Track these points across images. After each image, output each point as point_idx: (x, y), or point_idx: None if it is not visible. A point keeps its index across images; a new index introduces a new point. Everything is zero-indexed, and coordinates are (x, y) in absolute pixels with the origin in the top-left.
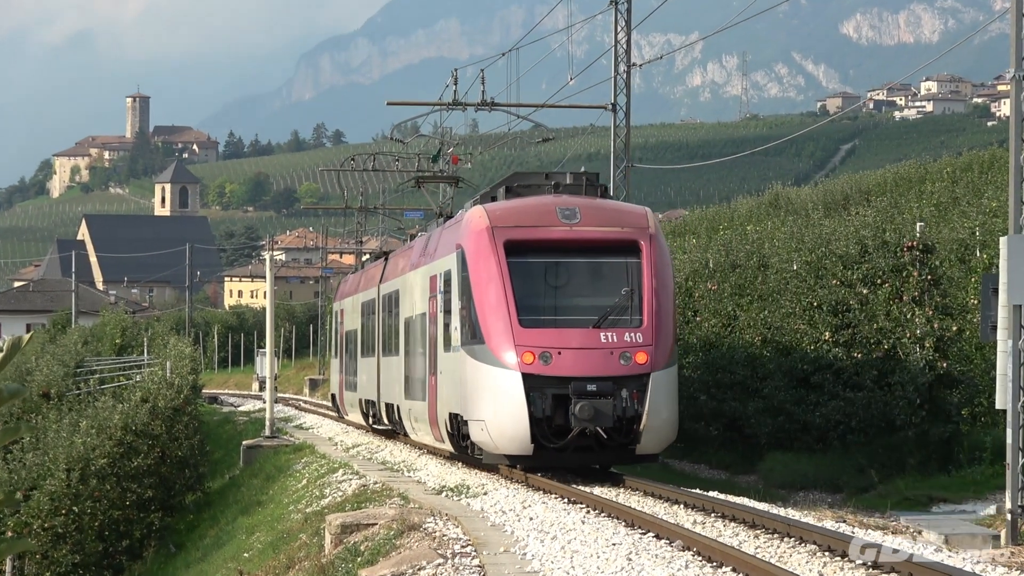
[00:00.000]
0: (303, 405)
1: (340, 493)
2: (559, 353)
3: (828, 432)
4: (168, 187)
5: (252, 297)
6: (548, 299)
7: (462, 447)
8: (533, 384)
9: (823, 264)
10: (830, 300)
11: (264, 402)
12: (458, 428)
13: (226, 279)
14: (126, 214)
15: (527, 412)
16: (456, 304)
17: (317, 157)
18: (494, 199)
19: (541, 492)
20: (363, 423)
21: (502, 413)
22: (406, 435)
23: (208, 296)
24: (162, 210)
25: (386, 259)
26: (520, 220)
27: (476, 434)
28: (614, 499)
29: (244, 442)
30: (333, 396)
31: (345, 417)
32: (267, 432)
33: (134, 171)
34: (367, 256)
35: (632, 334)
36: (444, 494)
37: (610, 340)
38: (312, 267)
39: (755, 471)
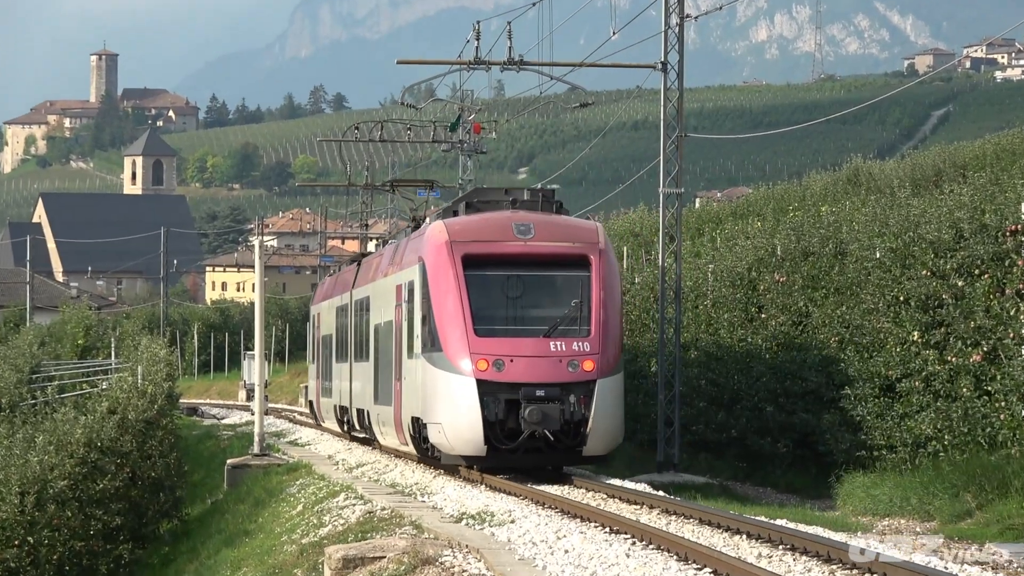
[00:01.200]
0: (298, 417)
1: (342, 521)
2: (511, 361)
3: (917, 449)
4: (139, 160)
5: (239, 290)
6: (502, 310)
7: (423, 449)
8: (487, 389)
9: (911, 252)
10: (919, 294)
11: (252, 414)
12: (419, 431)
13: (208, 269)
14: (90, 192)
15: (481, 416)
16: (418, 313)
17: (315, 125)
18: (456, 213)
19: (579, 520)
20: (338, 430)
21: (458, 416)
22: (377, 441)
23: (187, 289)
24: (132, 188)
25: (359, 263)
26: (478, 235)
27: (434, 436)
28: (664, 528)
29: (229, 461)
30: (311, 403)
31: (322, 424)
32: (256, 449)
33: (99, 142)
34: (375, 242)
35: (580, 343)
36: (464, 522)
37: (559, 349)
38: (309, 255)
39: (830, 495)
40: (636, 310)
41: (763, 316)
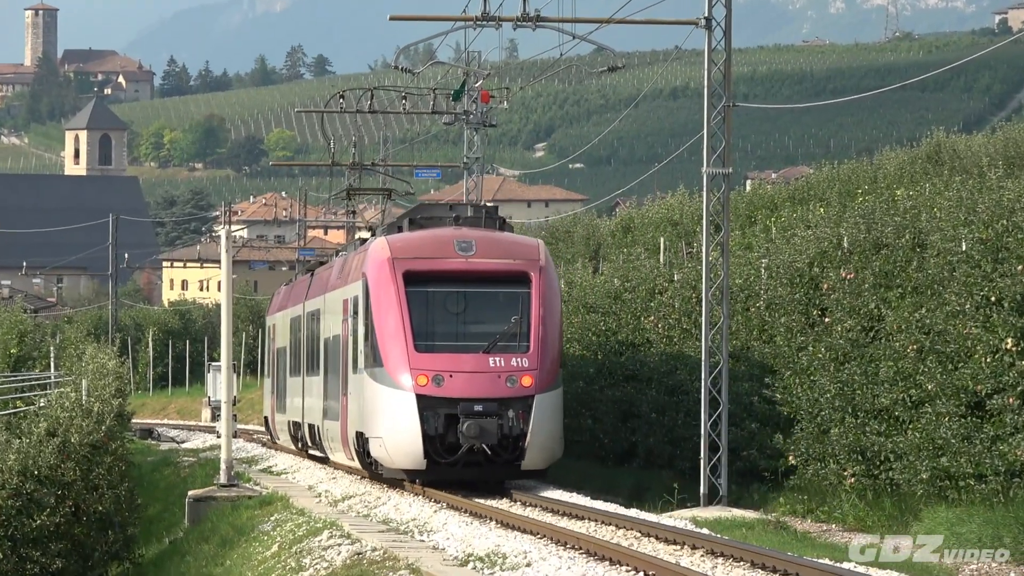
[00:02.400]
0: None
1: (325, 564)
2: (451, 376)
3: (1011, 479)
4: (84, 135)
5: (202, 290)
6: (443, 326)
7: (367, 463)
8: (426, 404)
9: (1004, 243)
10: (1014, 293)
11: (218, 437)
12: (363, 445)
13: (165, 265)
14: (24, 173)
15: (420, 430)
16: (361, 329)
17: (292, 93)
18: (400, 229)
19: (607, 562)
20: (293, 447)
21: (398, 431)
22: (327, 457)
23: (140, 288)
24: (75, 167)
25: (312, 274)
26: (419, 252)
27: (375, 450)
28: (710, 573)
29: (191, 492)
30: (266, 419)
31: (276, 441)
32: (222, 479)
33: (36, 113)
34: (364, 233)
35: (519, 359)
36: (471, 565)
37: (498, 364)
38: (286, 247)
39: (907, 532)
40: (675, 313)
41: (827, 320)
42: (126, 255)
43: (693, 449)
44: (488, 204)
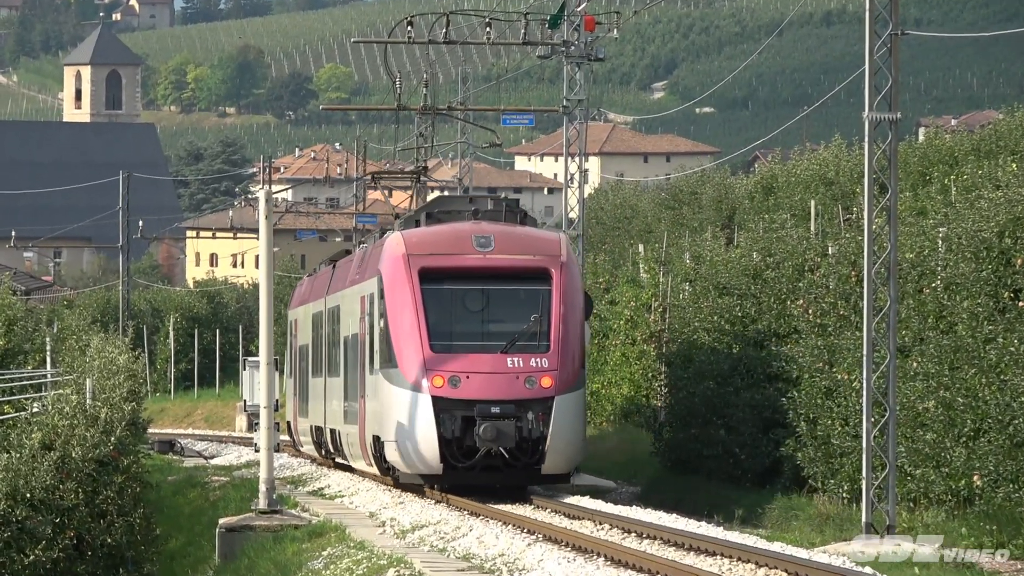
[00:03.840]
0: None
1: None
2: (467, 377)
3: None
4: (87, 72)
5: (235, 267)
6: (459, 325)
7: (384, 469)
8: (442, 407)
9: None
10: None
11: (256, 450)
12: (379, 450)
13: (189, 234)
14: (13, 120)
15: (436, 433)
16: (377, 328)
17: (347, 20)
18: (417, 223)
19: None
20: (317, 455)
21: (413, 434)
22: (350, 465)
23: (158, 264)
24: (76, 112)
25: (335, 266)
26: (435, 248)
27: (391, 454)
28: None
29: (222, 521)
30: (288, 424)
31: (300, 449)
32: (262, 503)
33: (26, 44)
34: (437, 193)
35: (538, 359)
36: None
37: (516, 365)
38: (340, 212)
39: None
40: (829, 295)
41: (1020, 305)
42: (140, 222)
43: (853, 466)
44: (509, 197)
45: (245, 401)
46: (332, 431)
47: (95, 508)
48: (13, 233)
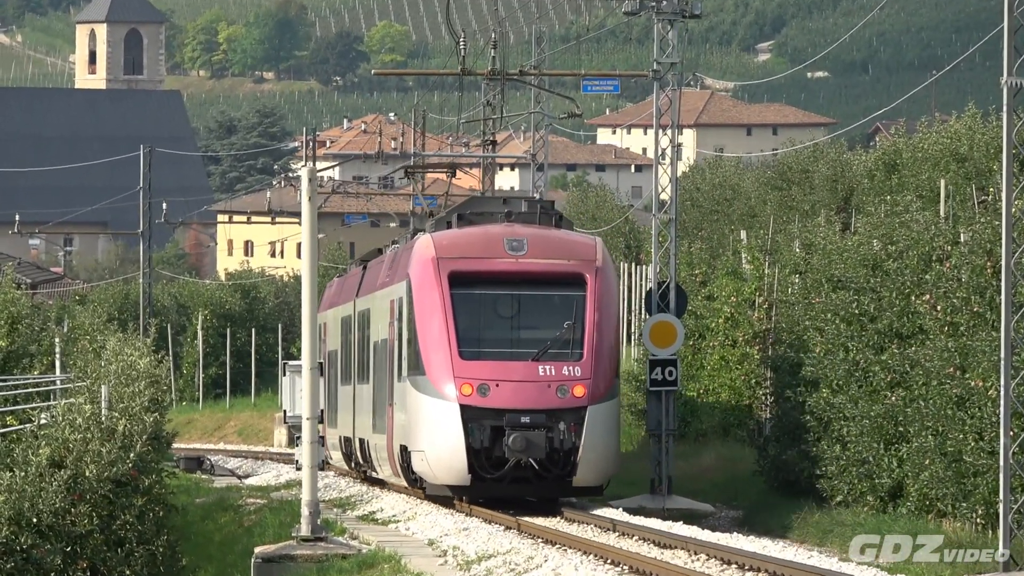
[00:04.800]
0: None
1: None
2: (497, 385)
3: None
4: (102, 31)
5: (274, 256)
6: (490, 331)
7: (412, 480)
8: (471, 416)
9: None
10: None
11: (298, 468)
12: (407, 460)
13: (221, 219)
14: (17, 86)
15: (464, 443)
16: (405, 333)
17: None
18: (449, 224)
19: None
20: (346, 467)
21: (441, 444)
22: (381, 479)
23: (185, 253)
24: (90, 78)
25: (365, 267)
26: (466, 251)
27: (417, 464)
28: None
29: (258, 549)
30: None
31: (329, 462)
32: (304, 529)
33: (32, 0)
34: (506, 171)
35: (571, 367)
36: None
37: (548, 373)
38: (395, 194)
39: None
40: (962, 289)
41: None
42: (164, 205)
43: (988, 487)
44: (544, 199)
45: (285, 411)
46: (361, 441)
47: (112, 535)
48: (17, 217)
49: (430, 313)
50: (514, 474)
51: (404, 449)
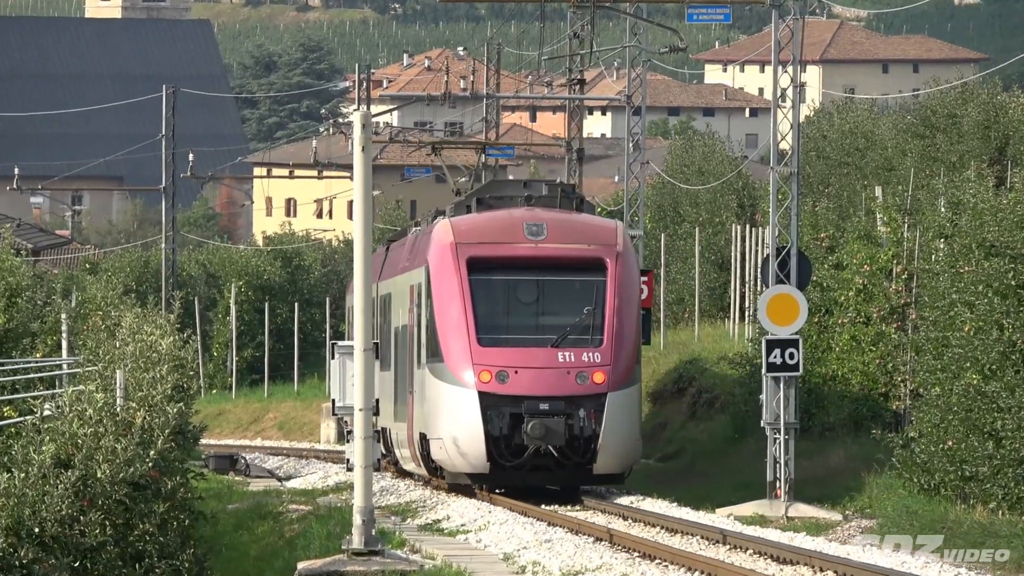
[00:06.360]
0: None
1: None
2: (516, 372)
3: None
4: None
5: (321, 217)
6: (509, 317)
7: (431, 468)
8: (490, 403)
9: None
10: None
11: (349, 469)
12: (426, 448)
13: (258, 172)
14: (19, 16)
15: (483, 430)
16: (424, 319)
17: None
18: (468, 209)
19: None
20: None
21: (459, 431)
22: (401, 468)
23: (217, 213)
24: (103, 5)
25: (388, 249)
26: (485, 236)
27: (436, 452)
28: None
29: (302, 565)
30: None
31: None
32: (357, 541)
33: None
34: (597, 115)
35: (590, 354)
36: None
37: (567, 360)
38: (464, 143)
39: None
40: None
41: None
42: (191, 156)
43: None
44: (564, 183)
45: (333, 401)
46: (383, 430)
47: (128, 547)
48: (16, 170)
49: (448, 299)
50: (533, 462)
51: (423, 437)
